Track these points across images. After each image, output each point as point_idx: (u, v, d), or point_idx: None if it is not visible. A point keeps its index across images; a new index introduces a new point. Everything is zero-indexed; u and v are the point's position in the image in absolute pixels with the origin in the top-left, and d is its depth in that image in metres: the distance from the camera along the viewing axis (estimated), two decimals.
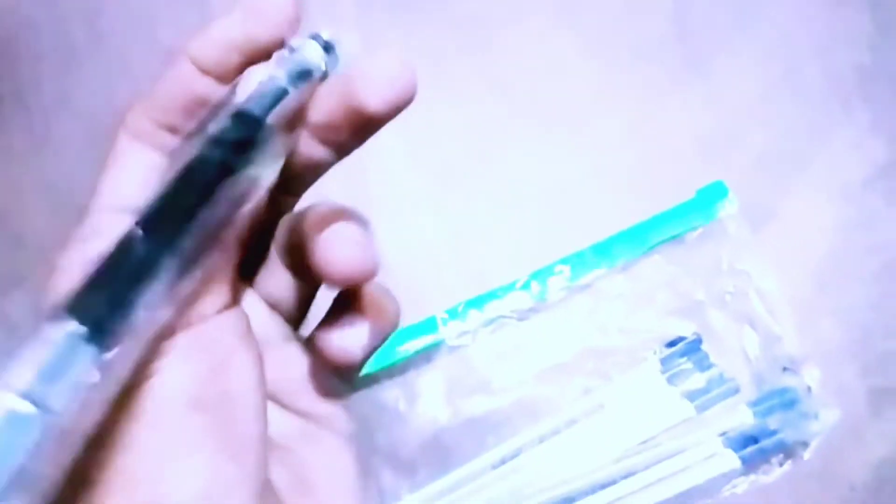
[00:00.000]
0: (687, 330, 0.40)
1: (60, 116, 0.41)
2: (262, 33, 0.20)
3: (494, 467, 0.38)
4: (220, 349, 0.20)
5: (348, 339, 0.22)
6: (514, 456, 0.38)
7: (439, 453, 0.39)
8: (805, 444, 0.39)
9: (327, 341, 0.22)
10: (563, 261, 0.40)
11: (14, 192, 0.40)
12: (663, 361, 0.40)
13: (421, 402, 0.39)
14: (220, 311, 0.20)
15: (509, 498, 0.38)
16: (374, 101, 0.20)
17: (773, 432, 0.39)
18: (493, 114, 0.42)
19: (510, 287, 0.40)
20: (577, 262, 0.40)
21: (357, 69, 0.20)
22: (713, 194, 0.40)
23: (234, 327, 0.21)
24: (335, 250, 0.20)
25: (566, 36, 0.42)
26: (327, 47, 0.21)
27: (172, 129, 0.21)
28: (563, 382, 0.40)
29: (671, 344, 0.40)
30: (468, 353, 0.40)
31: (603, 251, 0.40)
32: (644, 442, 0.39)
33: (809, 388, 0.39)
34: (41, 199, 0.40)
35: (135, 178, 0.21)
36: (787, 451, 0.39)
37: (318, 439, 0.24)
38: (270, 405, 0.22)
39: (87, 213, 0.21)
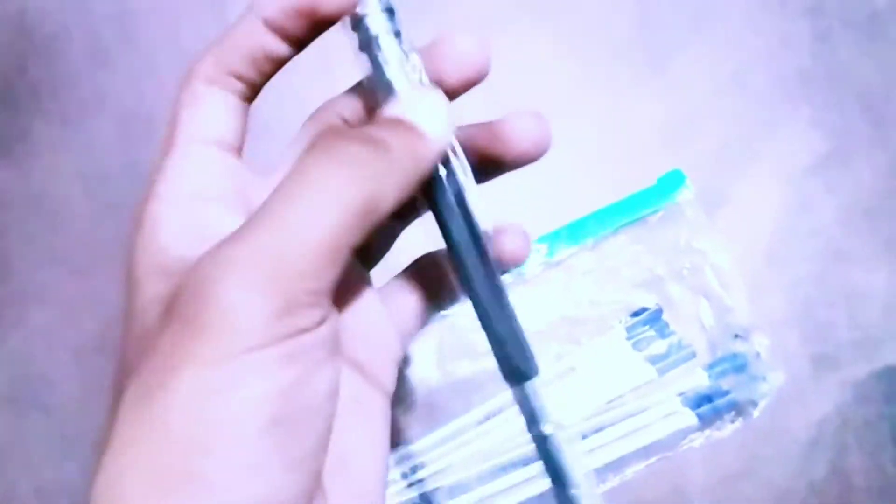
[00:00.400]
0: (649, 302, 0.44)
1: (93, 111, 0.45)
2: (327, 3, 0.22)
3: (479, 424, 0.42)
4: (310, 364, 0.19)
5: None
6: (497, 413, 0.42)
7: (431, 411, 0.42)
8: (754, 404, 0.43)
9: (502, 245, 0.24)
10: (540, 239, 0.44)
11: (51, 177, 0.44)
12: (628, 329, 0.43)
13: (414, 366, 0.43)
14: (318, 324, 0.19)
15: (492, 450, 0.42)
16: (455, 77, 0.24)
17: (726, 392, 0.43)
18: (474, 108, 0.45)
19: None
20: (553, 240, 0.44)
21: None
22: (672, 181, 0.44)
23: (326, 340, 0.20)
24: (521, 125, 0.23)
25: (543, 38, 0.46)
26: (389, 10, 0.22)
27: (239, 77, 0.23)
28: (540, 348, 0.43)
29: (635, 314, 0.44)
30: (456, 320, 0.43)
31: (575, 231, 0.44)
32: (611, 401, 0.43)
33: (758, 354, 0.43)
34: (75, 184, 0.44)
35: (214, 115, 0.22)
36: (739, 409, 0.43)
37: (365, 402, 0.24)
38: None
39: (172, 145, 0.22)
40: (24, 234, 0.43)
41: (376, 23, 0.22)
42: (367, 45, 0.22)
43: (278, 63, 0.23)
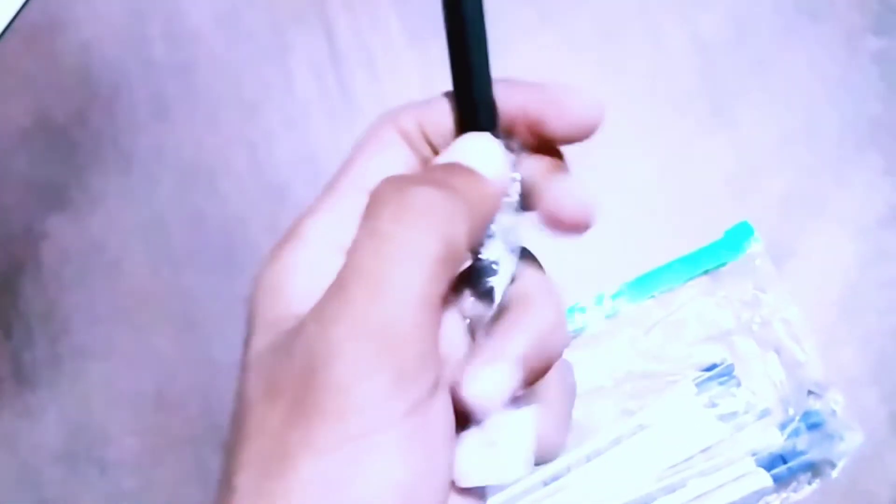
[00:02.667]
0: (718, 356, 0.40)
1: (153, 162, 0.42)
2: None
3: (546, 484, 0.38)
4: (435, 441, 0.18)
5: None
6: (564, 473, 0.38)
7: None
8: (832, 464, 0.38)
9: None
10: (606, 293, 0.40)
11: (110, 229, 0.41)
12: (698, 385, 0.40)
13: None
14: (432, 392, 0.18)
15: None
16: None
17: (802, 452, 0.39)
18: None
19: None
20: (618, 294, 0.40)
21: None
22: (740, 233, 0.41)
23: (444, 412, 0.18)
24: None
25: (607, 88, 0.43)
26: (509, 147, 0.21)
27: (430, 144, 0.21)
28: (605, 404, 0.40)
29: (706, 370, 0.40)
30: None
31: (641, 285, 0.41)
32: (682, 461, 0.39)
33: (834, 411, 0.39)
34: (135, 236, 0.41)
35: (388, 166, 0.20)
36: (815, 470, 0.39)
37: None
38: None
39: (335, 187, 0.20)
40: (83, 286, 0.41)
41: None
42: None
43: None
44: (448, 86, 0.21)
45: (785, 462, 0.39)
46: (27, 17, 0.43)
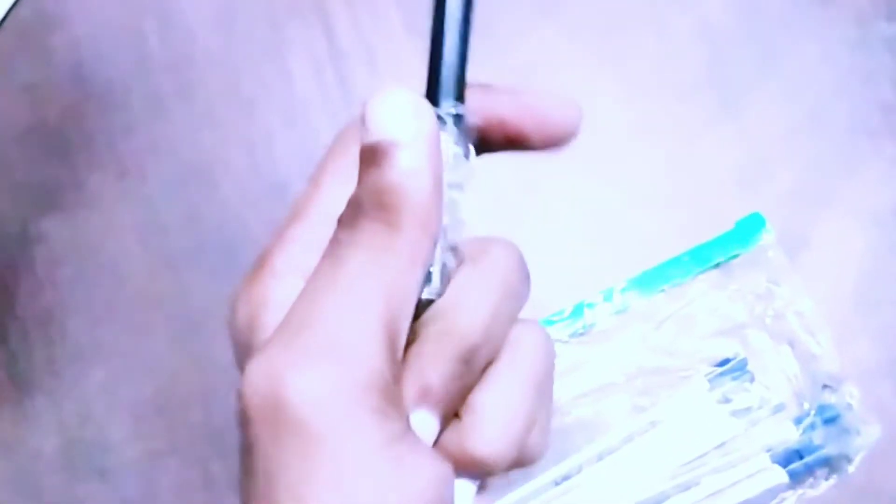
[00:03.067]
0: (730, 351, 0.39)
1: (150, 162, 0.41)
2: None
3: (557, 483, 0.37)
4: (424, 462, 0.17)
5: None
6: (576, 472, 0.37)
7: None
8: (849, 459, 0.37)
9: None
10: (615, 287, 0.39)
11: (107, 231, 0.40)
12: (711, 381, 0.38)
13: None
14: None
15: None
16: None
17: (818, 447, 0.37)
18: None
19: (561, 313, 0.39)
20: (628, 288, 0.39)
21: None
22: (751, 224, 0.40)
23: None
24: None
25: (609, 80, 0.41)
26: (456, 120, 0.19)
27: None
28: (616, 401, 0.39)
29: (718, 365, 0.39)
30: None
31: (651, 279, 0.39)
32: (696, 458, 0.37)
33: (850, 405, 0.38)
34: (132, 238, 0.40)
35: (350, 190, 0.19)
36: (832, 465, 0.37)
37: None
38: None
39: (302, 213, 0.19)
40: (81, 290, 0.39)
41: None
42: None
43: None
44: None
45: (801, 457, 0.37)
46: (18, 14, 0.42)
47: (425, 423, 0.17)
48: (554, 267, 0.42)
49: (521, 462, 0.19)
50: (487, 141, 0.20)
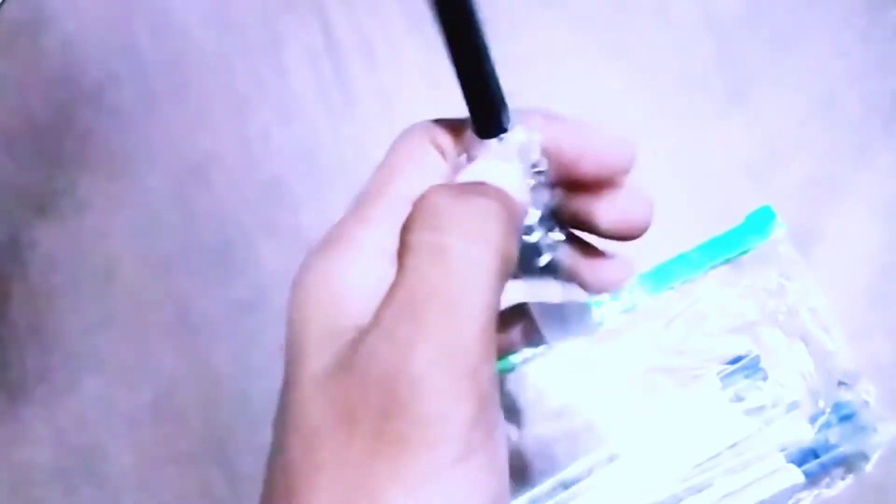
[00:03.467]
0: (742, 348, 0.38)
1: (144, 162, 0.39)
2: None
3: (566, 487, 0.36)
4: (503, 460, 0.18)
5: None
6: (585, 476, 0.36)
7: (511, 474, 0.36)
8: (866, 458, 0.36)
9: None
10: None
11: (100, 235, 0.39)
12: (723, 379, 0.37)
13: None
14: (500, 412, 0.18)
15: None
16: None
17: (834, 446, 0.36)
18: None
19: None
20: (635, 286, 0.38)
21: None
22: (762, 218, 0.38)
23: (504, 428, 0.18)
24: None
25: (614, 71, 0.40)
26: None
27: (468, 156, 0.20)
28: (625, 402, 0.37)
29: (730, 363, 0.37)
30: (535, 376, 0.37)
31: (659, 276, 0.38)
32: (708, 459, 0.36)
33: (866, 402, 0.37)
34: (127, 242, 0.38)
35: (430, 179, 0.19)
36: (849, 464, 0.36)
37: None
38: None
39: (383, 194, 0.19)
40: (74, 296, 0.38)
41: None
42: None
43: None
44: (451, 73, 0.19)
45: (816, 457, 0.36)
46: (6, 13, 0.40)
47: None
48: None
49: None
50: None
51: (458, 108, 0.20)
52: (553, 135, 0.20)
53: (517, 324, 0.25)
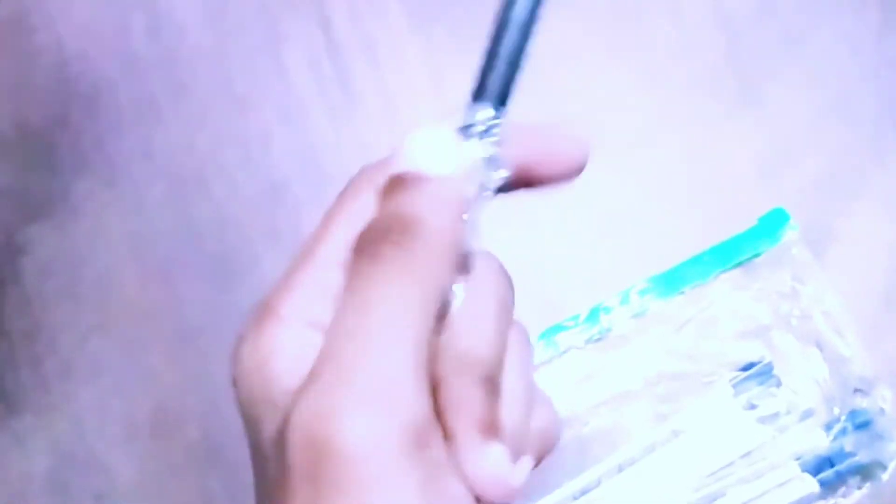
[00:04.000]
0: (755, 354, 0.37)
1: (140, 166, 0.38)
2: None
3: (576, 498, 0.34)
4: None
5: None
6: (595, 486, 0.34)
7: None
8: (883, 466, 0.35)
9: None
10: (632, 290, 0.37)
11: (97, 240, 0.37)
12: (735, 386, 0.36)
13: None
14: (442, 450, 0.17)
15: None
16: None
17: (849, 454, 0.35)
18: None
19: (576, 318, 0.37)
20: (646, 290, 0.37)
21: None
22: (774, 220, 0.37)
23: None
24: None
25: (622, 71, 0.39)
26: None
27: None
28: (636, 409, 0.36)
29: (743, 369, 0.36)
30: (541, 383, 0.36)
31: (670, 280, 0.37)
32: (721, 468, 0.35)
33: (882, 410, 0.35)
34: (123, 247, 0.37)
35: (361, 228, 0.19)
36: (865, 473, 0.35)
37: None
38: None
39: (311, 255, 0.19)
40: (70, 302, 0.37)
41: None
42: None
43: None
44: (456, 72, 0.19)
45: (832, 465, 0.35)
46: None
47: (499, 453, 0.18)
48: (568, 269, 0.39)
49: (539, 448, 0.20)
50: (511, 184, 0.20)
51: (461, 106, 0.20)
52: (519, 145, 0.20)
53: None
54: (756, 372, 0.36)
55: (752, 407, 0.36)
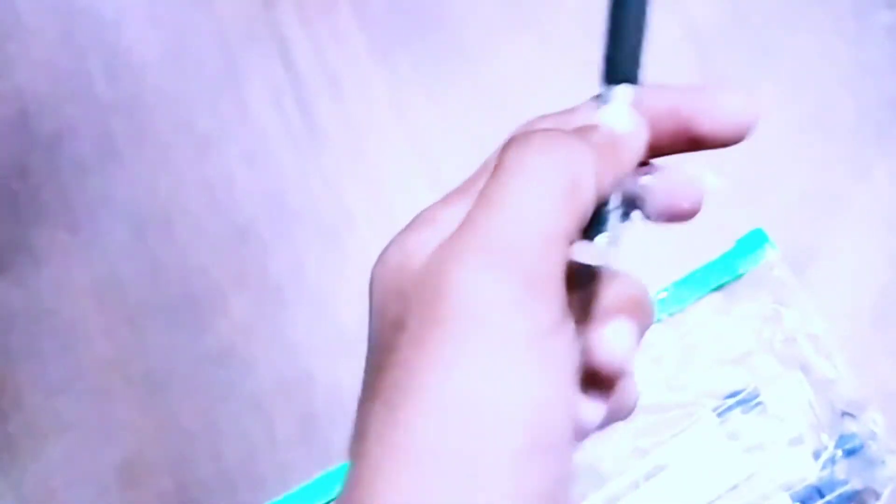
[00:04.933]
0: (738, 381, 0.35)
1: (103, 212, 0.37)
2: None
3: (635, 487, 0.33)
4: (563, 373, 0.17)
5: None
6: (660, 471, 0.33)
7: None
8: (876, 494, 0.33)
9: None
10: None
11: (60, 291, 0.36)
12: (720, 415, 0.34)
13: None
14: (559, 323, 0.17)
15: None
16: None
17: (841, 483, 0.33)
18: None
19: None
20: None
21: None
22: (753, 242, 0.35)
23: (571, 349, 0.17)
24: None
25: (589, 91, 0.37)
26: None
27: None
28: (615, 444, 0.34)
29: (727, 397, 0.34)
30: None
31: None
32: (709, 503, 0.33)
33: (873, 433, 0.34)
34: (88, 297, 0.36)
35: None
36: (858, 501, 0.33)
37: None
38: None
39: (470, 181, 0.19)
40: (34, 356, 0.36)
41: None
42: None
43: None
44: (421, 104, 0.21)
45: (822, 495, 0.33)
46: None
47: (629, 327, 0.19)
48: None
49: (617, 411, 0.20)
50: (660, 141, 0.21)
51: (428, 139, 0.19)
52: (668, 101, 0.20)
53: None
54: (740, 400, 0.34)
55: (738, 437, 0.34)
